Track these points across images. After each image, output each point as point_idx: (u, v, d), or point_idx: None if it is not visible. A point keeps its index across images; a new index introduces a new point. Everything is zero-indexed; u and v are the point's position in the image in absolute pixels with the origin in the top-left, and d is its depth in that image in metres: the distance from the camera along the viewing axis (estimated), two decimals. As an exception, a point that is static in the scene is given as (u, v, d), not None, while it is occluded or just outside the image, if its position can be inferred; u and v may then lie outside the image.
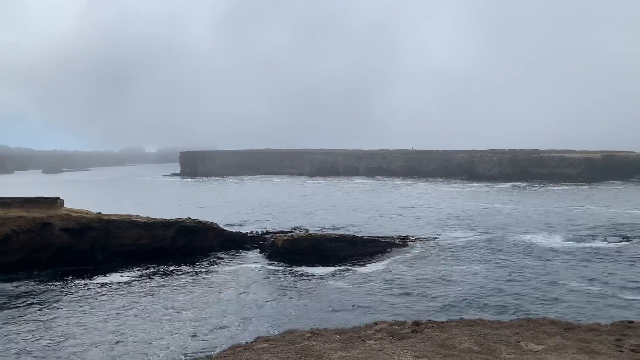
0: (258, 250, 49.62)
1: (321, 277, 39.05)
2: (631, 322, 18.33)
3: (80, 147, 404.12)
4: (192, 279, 39.14)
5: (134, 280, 38.78)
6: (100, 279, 39.09)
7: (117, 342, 25.84)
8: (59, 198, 46.99)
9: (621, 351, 14.31)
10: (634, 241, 50.30)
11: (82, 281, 38.57)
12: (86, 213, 47.17)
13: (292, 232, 55.75)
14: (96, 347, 25.16)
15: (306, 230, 59.05)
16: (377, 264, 43.05)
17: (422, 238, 54.03)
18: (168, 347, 25.03)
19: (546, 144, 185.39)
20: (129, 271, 41.53)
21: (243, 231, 57.47)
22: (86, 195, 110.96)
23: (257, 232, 58.80)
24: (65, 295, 34.78)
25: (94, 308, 31.81)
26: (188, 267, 43.19)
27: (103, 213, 48.64)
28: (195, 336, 26.54)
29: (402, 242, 51.17)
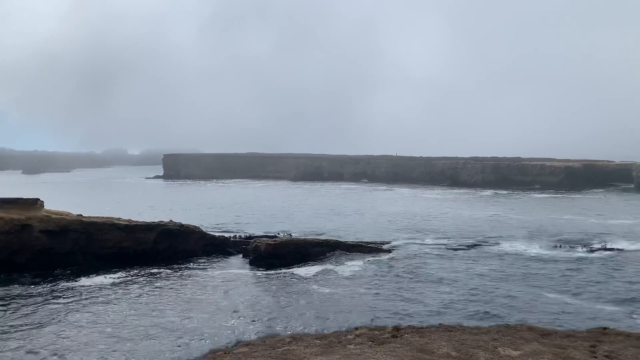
0: (241, 254, 49.49)
1: (303, 281, 39.07)
2: (605, 329, 18.76)
3: (62, 148, 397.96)
4: (174, 283, 38.91)
5: (114, 284, 38.43)
6: (80, 283, 38.65)
7: (95, 348, 25.59)
8: (38, 199, 46.40)
9: (595, 357, 14.65)
10: (613, 250, 51.14)
11: (62, 285, 38.11)
12: (67, 215, 46.64)
13: (275, 236, 55.71)
14: (71, 352, 24.89)
15: (290, 234, 59.03)
16: (359, 268, 43.21)
17: (403, 244, 54.35)
18: (148, 352, 24.86)
19: (526, 151, 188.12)
20: (109, 275, 41.10)
21: (226, 235, 57.24)
22: (67, 197, 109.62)
23: (240, 236, 58.59)
24: (44, 299, 34.34)
25: (69, 312, 31.46)
26: (170, 271, 42.92)
27: (84, 215, 48.13)
28: (175, 341, 26.39)
29: (384, 248, 51.44)
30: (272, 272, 42.42)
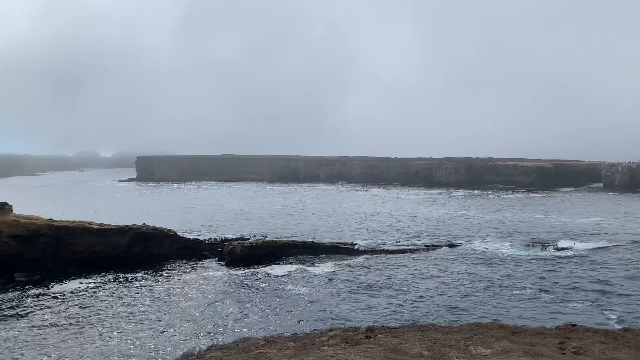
0: (216, 257, 49.11)
1: (278, 283, 38.99)
2: (574, 325, 19.20)
3: (32, 151, 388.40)
4: (147, 287, 38.43)
5: (85, 289, 37.78)
6: (50, 289, 37.91)
7: (60, 352, 25.12)
8: (7, 204, 45.37)
9: (564, 353, 14.97)
10: (584, 248, 52.25)
11: (31, 291, 37.31)
12: (37, 219, 45.69)
13: (251, 238, 55.47)
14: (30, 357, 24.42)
15: (265, 236, 58.84)
16: (334, 269, 43.32)
17: (377, 244, 54.65)
18: (118, 357, 24.50)
19: (493, 151, 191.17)
20: (81, 280, 40.43)
21: (201, 238, 56.76)
22: (37, 201, 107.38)
23: (215, 238, 58.17)
24: (9, 305, 33.58)
25: (35, 315, 30.85)
26: (143, 275, 42.38)
27: (55, 219, 47.20)
28: (146, 345, 26.06)
29: (359, 249, 51.66)
30: (248, 274, 42.22)
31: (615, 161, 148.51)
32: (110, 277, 41.59)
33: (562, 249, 52.22)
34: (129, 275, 42.22)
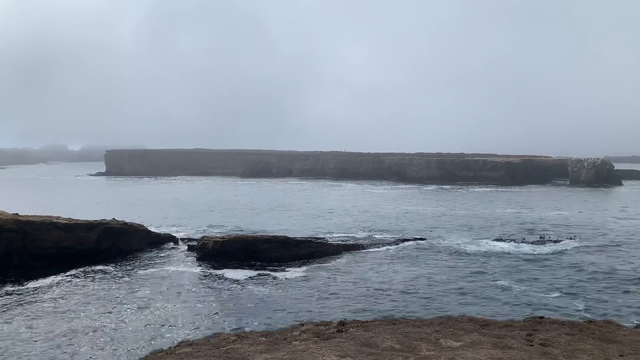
0: (188, 252, 48.61)
1: (251, 278, 38.82)
2: (541, 317, 19.59)
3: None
4: (115, 283, 37.78)
5: (47, 286, 36.92)
6: (10, 287, 36.90)
7: (19, 354, 24.52)
8: (-30, 198, 44.02)
9: (531, 345, 15.27)
10: (551, 242, 53.42)
11: (-4, 287, 36.29)
12: (1, 214, 44.42)
13: (223, 233, 55.05)
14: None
15: (239, 231, 58.47)
16: (307, 264, 43.34)
17: (349, 239, 54.88)
18: (85, 356, 24.02)
19: (460, 148, 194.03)
20: (45, 276, 39.38)
21: (172, 233, 56.10)
22: (2, 195, 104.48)
23: (187, 233, 57.57)
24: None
25: None
26: (111, 271, 41.65)
27: (21, 214, 45.97)
28: (114, 342, 25.60)
29: (332, 243, 51.75)
30: (220, 269, 41.89)
31: (581, 157, 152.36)
32: (75, 272, 40.69)
33: (531, 242, 53.29)
34: (96, 269, 41.43)
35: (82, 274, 40.35)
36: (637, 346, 15.28)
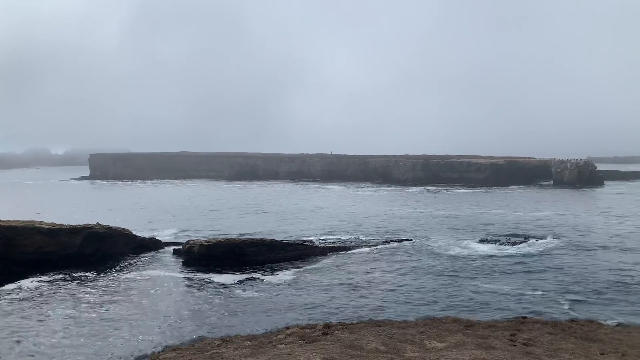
0: (173, 256, 48.31)
1: (237, 282, 38.69)
2: (525, 317, 19.83)
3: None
4: (99, 289, 37.41)
5: (29, 293, 36.45)
6: (-2, 291, 36.40)
7: None
8: (-50, 204, 43.34)
9: (514, 345, 15.43)
10: (535, 242, 53.94)
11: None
12: (-18, 220, 43.76)
13: (209, 236, 54.78)
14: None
15: (225, 234, 58.23)
16: (294, 267, 43.31)
17: (336, 241, 54.96)
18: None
19: (443, 150, 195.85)
20: (24, 282, 38.89)
21: (157, 237, 55.71)
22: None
23: (172, 237, 57.20)
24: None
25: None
26: (95, 276, 41.23)
27: (2, 219, 45.33)
28: (96, 348, 25.34)
29: (319, 245, 51.77)
30: (205, 273, 41.70)
31: (564, 158, 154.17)
32: (57, 278, 40.19)
33: (515, 243, 53.76)
34: (80, 277, 40.97)
35: (65, 280, 39.87)
36: (617, 345, 15.52)
